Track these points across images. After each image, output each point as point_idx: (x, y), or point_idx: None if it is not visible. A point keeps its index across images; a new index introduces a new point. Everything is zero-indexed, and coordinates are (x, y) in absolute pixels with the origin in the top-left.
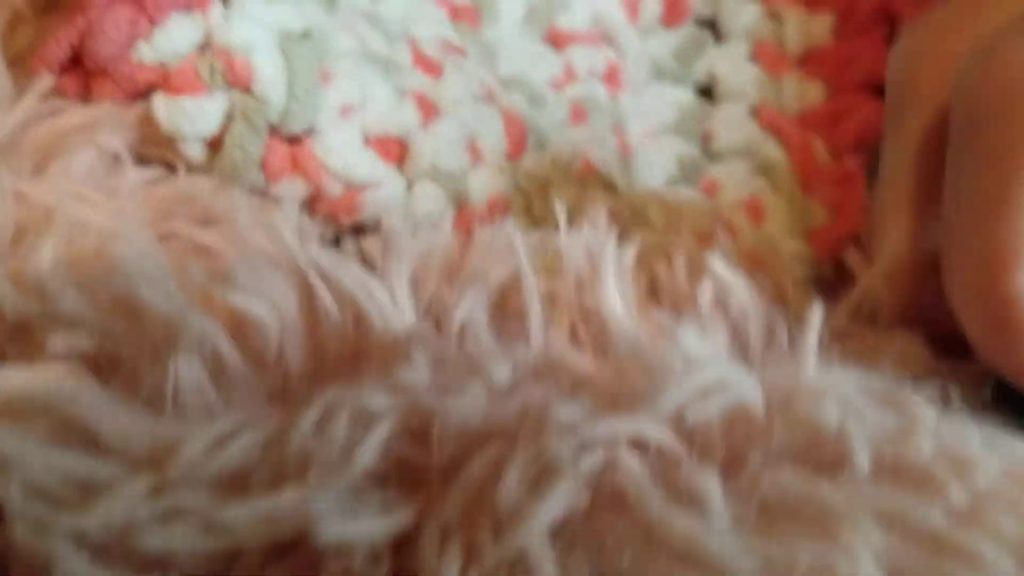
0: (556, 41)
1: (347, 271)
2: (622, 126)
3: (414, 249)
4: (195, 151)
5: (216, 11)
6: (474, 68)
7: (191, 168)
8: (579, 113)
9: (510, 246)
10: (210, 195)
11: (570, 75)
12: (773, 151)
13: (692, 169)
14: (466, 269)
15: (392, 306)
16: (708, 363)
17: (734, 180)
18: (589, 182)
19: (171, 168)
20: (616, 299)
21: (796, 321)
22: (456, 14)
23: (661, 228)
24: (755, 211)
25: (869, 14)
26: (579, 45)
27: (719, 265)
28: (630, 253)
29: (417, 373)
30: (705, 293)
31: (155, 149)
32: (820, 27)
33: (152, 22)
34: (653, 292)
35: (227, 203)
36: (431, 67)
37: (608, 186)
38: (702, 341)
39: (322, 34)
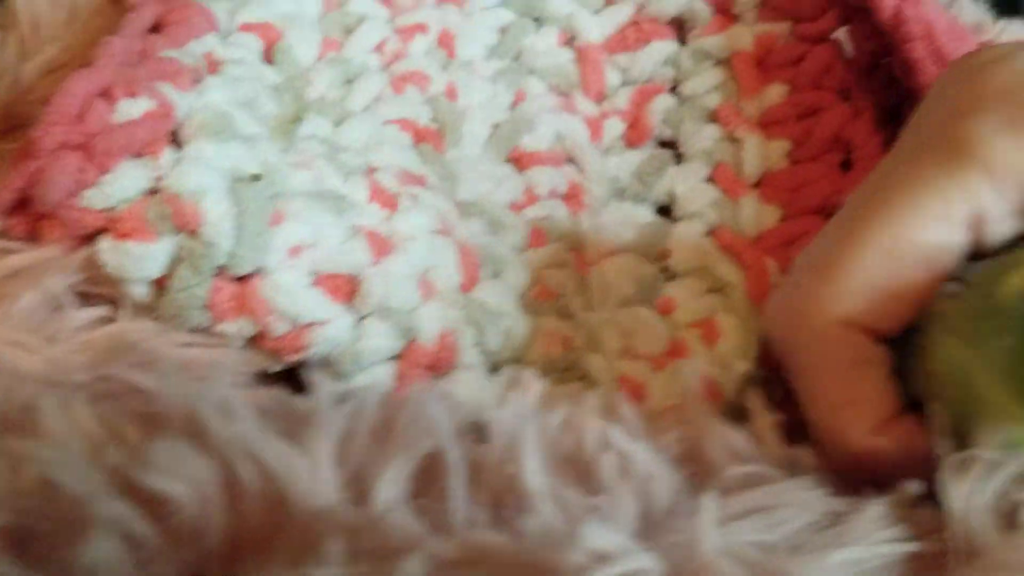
0: (519, 162)
1: (270, 445)
2: (582, 246)
3: (340, 420)
4: (140, 292)
5: (166, 157)
6: (432, 199)
7: (136, 308)
8: (538, 235)
9: (436, 419)
10: (152, 337)
11: (531, 196)
12: (729, 271)
13: (649, 288)
14: (392, 440)
15: (314, 481)
16: (613, 557)
17: (690, 299)
18: (543, 309)
19: (116, 306)
20: (537, 475)
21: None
22: (420, 137)
23: (615, 353)
24: (709, 331)
25: (824, 141)
26: (542, 166)
27: (620, 438)
28: (556, 422)
29: (327, 570)
30: (609, 463)
31: (101, 288)
32: (777, 152)
33: (101, 169)
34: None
35: (168, 345)
36: (387, 201)
37: (563, 312)
38: (606, 533)
39: (275, 174)
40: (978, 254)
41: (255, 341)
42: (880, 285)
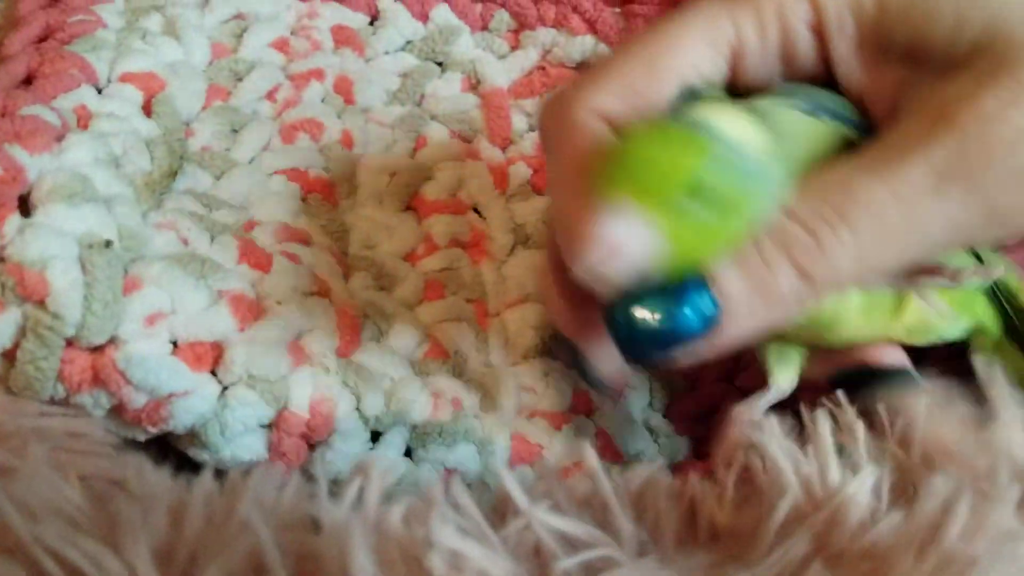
0: (419, 210)
1: (79, 546)
2: (483, 297)
3: (162, 516)
4: None
5: (12, 224)
6: (310, 257)
7: None
8: (435, 287)
9: (259, 516)
10: (2, 411)
11: (431, 246)
12: None
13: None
14: (214, 537)
15: None
16: None
17: None
18: (434, 368)
19: None
20: (364, 566)
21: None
22: (309, 188)
23: (511, 410)
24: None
25: None
26: (441, 214)
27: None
28: (396, 513)
29: None
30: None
31: None
32: None
33: None
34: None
35: (22, 419)
36: (259, 262)
37: (457, 370)
38: None
39: (132, 238)
40: (733, 90)
41: (115, 411)
42: (637, 89)
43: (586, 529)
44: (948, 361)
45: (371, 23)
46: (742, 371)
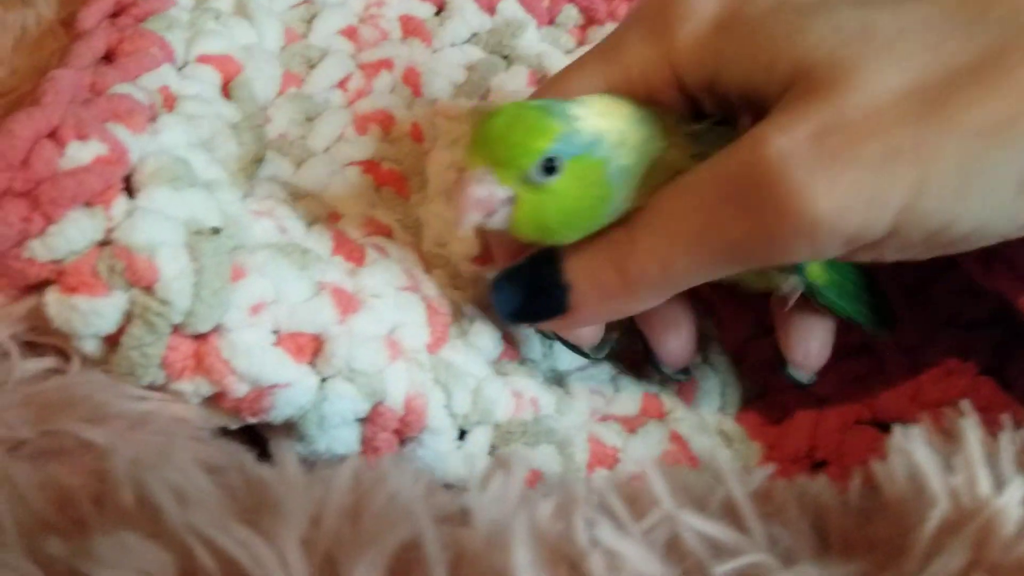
0: None
1: (231, 532)
2: None
3: (307, 501)
4: (90, 347)
5: (120, 207)
6: (398, 251)
7: (86, 359)
8: None
9: (412, 503)
10: (102, 391)
11: None
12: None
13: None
14: (365, 526)
15: (281, 572)
16: None
17: None
18: (511, 369)
19: (66, 356)
20: (527, 570)
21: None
22: (382, 180)
23: (584, 412)
24: (685, 386)
25: None
26: None
27: (610, 535)
28: (546, 509)
29: None
30: (599, 563)
31: (48, 338)
32: None
33: (47, 219)
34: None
35: (121, 399)
36: (353, 253)
37: (532, 371)
38: None
39: (236, 225)
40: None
41: (213, 400)
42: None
43: (731, 534)
44: None
45: (437, 14)
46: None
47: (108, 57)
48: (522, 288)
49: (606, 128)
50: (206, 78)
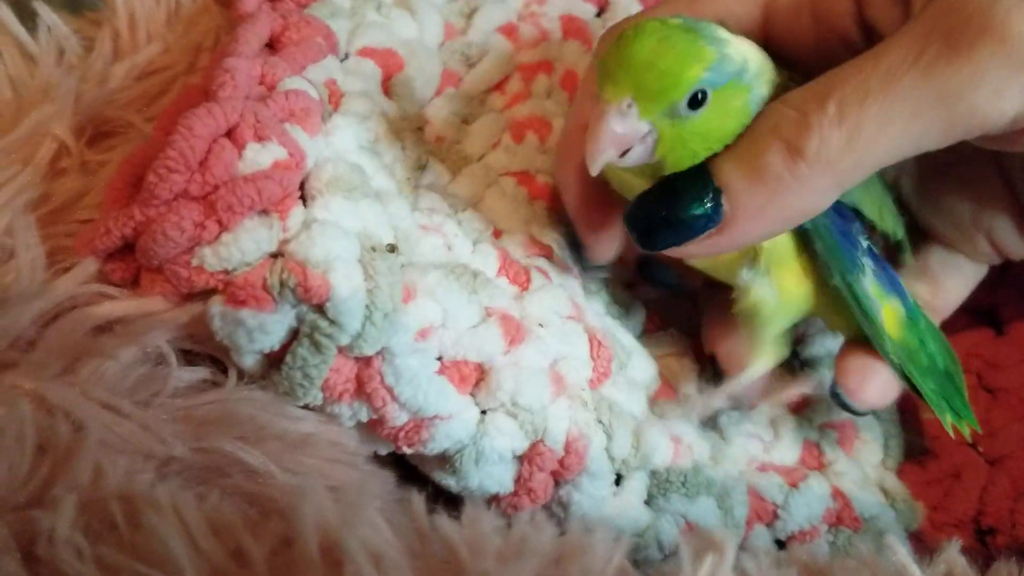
0: None
1: None
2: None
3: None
4: (250, 362)
5: (296, 217)
6: (559, 276)
7: (242, 374)
8: (652, 317)
9: None
10: (260, 410)
11: None
12: None
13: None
14: None
15: None
16: None
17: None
18: (666, 410)
19: (221, 367)
20: None
21: None
22: (536, 194)
23: (743, 460)
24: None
25: None
26: None
27: None
28: None
29: None
30: None
31: (206, 347)
32: None
33: (222, 226)
34: None
35: (278, 419)
36: (517, 276)
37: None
38: None
39: (407, 241)
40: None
41: (370, 424)
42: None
43: None
44: None
45: (599, 14)
46: (986, 437)
47: (272, 44)
48: (665, 206)
49: (750, 54)
50: (368, 73)
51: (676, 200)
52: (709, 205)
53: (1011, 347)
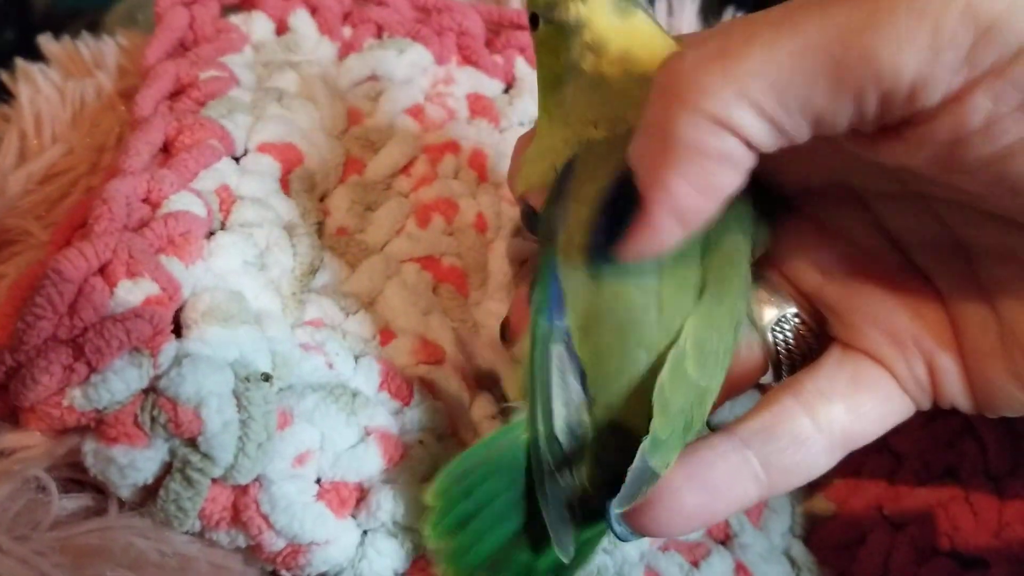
0: None
1: None
2: None
3: None
4: (127, 494)
5: (168, 352)
6: (445, 386)
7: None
8: None
9: None
10: (140, 535)
11: None
12: None
13: None
14: None
15: None
16: None
17: None
18: None
19: (105, 494)
20: None
21: None
22: (441, 278)
23: (643, 541)
24: None
25: None
26: None
27: None
28: None
29: None
30: None
31: (89, 476)
32: None
33: (91, 367)
34: None
35: (161, 545)
36: (400, 390)
37: None
38: None
39: (287, 363)
40: None
41: (249, 548)
42: None
43: None
44: None
45: (506, 91)
46: (891, 500)
47: (166, 148)
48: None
49: None
50: (266, 170)
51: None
52: (624, 197)
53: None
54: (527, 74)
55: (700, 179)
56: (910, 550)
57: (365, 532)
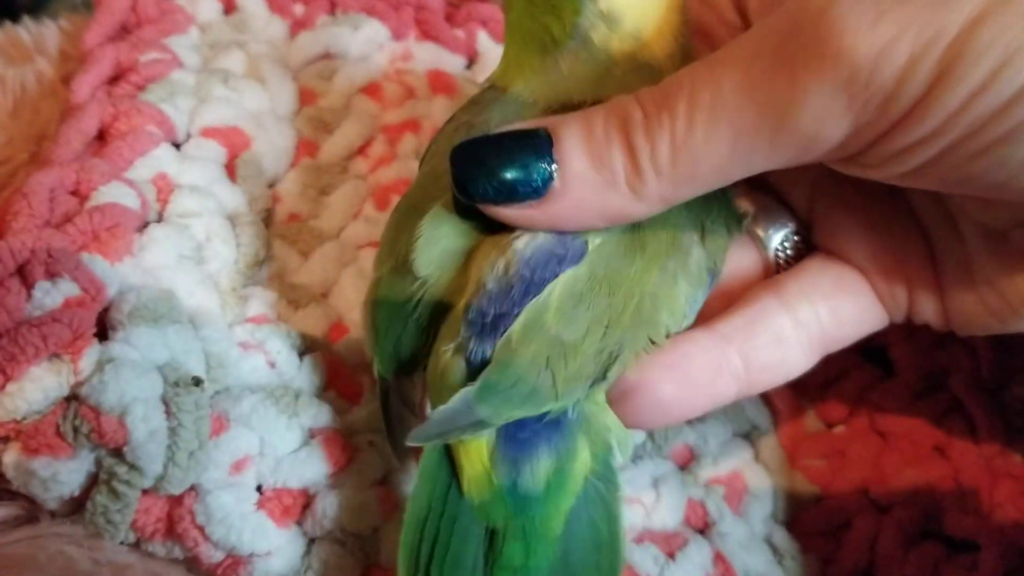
0: None
1: None
2: None
3: None
4: (55, 506)
5: (90, 357)
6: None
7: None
8: None
9: None
10: (72, 543)
11: None
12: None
13: (662, 436)
14: None
15: None
16: None
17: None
18: None
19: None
20: None
21: None
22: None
23: None
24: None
25: None
26: None
27: None
28: None
29: None
30: None
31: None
32: None
33: (6, 376)
34: None
35: (92, 554)
36: (348, 389)
37: None
38: None
39: (221, 367)
40: None
41: (187, 560)
42: None
43: None
44: None
45: (468, 67)
46: (877, 481)
47: (102, 135)
48: (494, 155)
49: None
50: (209, 156)
51: (508, 154)
52: (540, 176)
53: (901, 389)
54: (490, 48)
55: None
56: (897, 534)
57: (312, 541)
